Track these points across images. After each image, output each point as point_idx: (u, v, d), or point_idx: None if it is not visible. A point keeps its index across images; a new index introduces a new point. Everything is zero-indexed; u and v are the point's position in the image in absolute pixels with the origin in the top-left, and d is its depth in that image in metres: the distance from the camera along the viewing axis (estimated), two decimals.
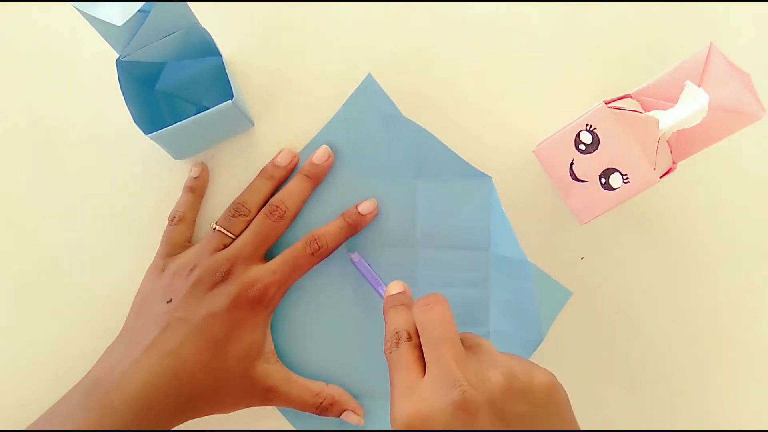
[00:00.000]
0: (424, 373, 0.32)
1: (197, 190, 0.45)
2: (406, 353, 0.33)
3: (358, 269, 0.45)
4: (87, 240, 0.46)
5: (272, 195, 0.45)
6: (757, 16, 0.47)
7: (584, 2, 0.47)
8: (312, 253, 0.43)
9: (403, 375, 0.32)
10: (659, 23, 0.47)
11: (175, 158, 0.45)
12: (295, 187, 0.44)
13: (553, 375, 0.32)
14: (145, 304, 0.42)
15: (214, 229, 0.43)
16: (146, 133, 0.40)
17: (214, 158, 0.46)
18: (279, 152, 0.45)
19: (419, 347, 0.34)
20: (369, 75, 0.44)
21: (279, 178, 0.45)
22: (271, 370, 0.43)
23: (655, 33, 0.47)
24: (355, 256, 0.45)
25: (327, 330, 0.46)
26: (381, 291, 0.43)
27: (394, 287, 0.39)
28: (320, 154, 0.45)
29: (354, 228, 0.44)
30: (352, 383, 0.45)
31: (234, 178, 0.46)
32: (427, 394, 0.31)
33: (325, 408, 0.43)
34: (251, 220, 0.44)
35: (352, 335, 0.45)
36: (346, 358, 0.45)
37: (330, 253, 0.44)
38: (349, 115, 0.45)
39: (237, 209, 0.44)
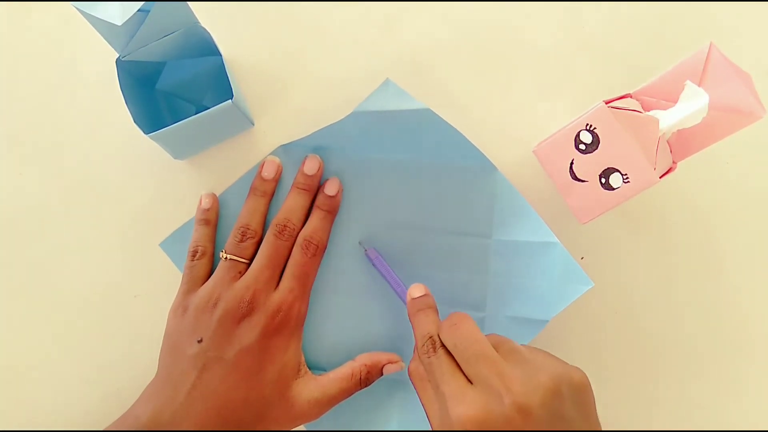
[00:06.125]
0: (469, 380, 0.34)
1: (211, 221, 0.45)
2: (447, 360, 0.35)
3: (374, 266, 0.44)
4: (87, 240, 0.46)
5: (267, 208, 0.45)
6: (757, 16, 0.47)
7: (584, 2, 0.47)
8: (313, 255, 0.43)
9: (452, 382, 0.34)
10: (659, 23, 0.47)
11: (175, 158, 0.45)
12: (294, 202, 0.44)
13: (585, 374, 0.34)
14: (178, 346, 0.42)
15: (226, 258, 0.43)
16: (146, 133, 0.40)
17: (214, 158, 0.46)
18: (263, 164, 0.45)
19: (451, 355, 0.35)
20: (387, 80, 0.43)
21: (271, 191, 0.45)
22: (303, 384, 0.43)
23: (655, 33, 0.47)
24: (372, 253, 0.44)
25: (339, 319, 0.46)
26: (399, 290, 0.43)
27: (417, 290, 0.40)
28: (311, 165, 0.44)
29: (333, 212, 0.45)
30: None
31: (234, 178, 0.46)
32: (481, 402, 0.32)
33: (366, 380, 0.43)
34: (258, 241, 0.44)
35: (364, 322, 0.45)
36: (361, 345, 0.45)
37: (326, 246, 0.44)
38: (364, 112, 0.43)
39: (243, 233, 0.43)
